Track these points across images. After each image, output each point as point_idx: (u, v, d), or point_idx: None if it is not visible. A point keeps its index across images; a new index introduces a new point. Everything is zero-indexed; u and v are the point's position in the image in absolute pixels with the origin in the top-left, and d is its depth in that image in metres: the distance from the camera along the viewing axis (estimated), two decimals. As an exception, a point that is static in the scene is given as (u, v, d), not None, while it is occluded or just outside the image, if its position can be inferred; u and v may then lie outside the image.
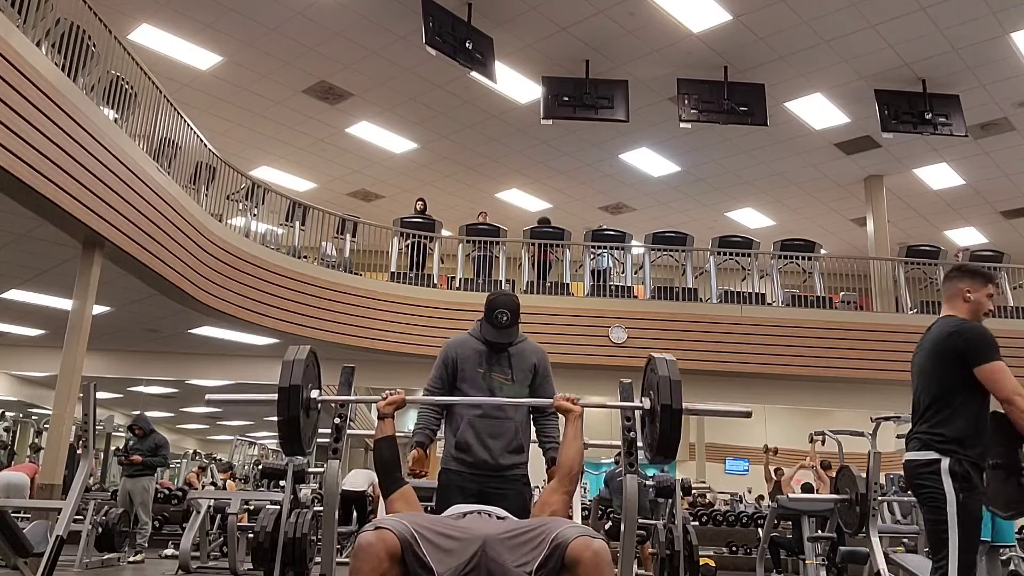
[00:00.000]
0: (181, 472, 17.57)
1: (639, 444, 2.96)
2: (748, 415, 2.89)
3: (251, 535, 6.97)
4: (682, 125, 9.79)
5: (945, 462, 2.67)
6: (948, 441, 2.70)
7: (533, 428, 3.18)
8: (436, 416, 3.11)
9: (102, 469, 10.76)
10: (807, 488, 9.42)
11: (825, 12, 8.47)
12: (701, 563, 7.43)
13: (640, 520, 5.50)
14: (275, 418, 2.71)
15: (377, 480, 2.69)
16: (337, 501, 3.33)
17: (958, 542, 2.58)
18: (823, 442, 9.43)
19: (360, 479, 8.39)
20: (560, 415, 2.74)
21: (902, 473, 3.05)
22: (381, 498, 2.67)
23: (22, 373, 14.09)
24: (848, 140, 11.25)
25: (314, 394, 2.80)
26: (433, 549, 2.01)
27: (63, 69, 6.09)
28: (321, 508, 5.03)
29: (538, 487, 4.26)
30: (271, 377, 13.72)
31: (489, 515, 2.34)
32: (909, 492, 5.42)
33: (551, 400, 2.79)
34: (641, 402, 2.78)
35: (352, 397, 3.15)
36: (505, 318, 2.99)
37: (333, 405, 3.07)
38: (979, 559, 4.91)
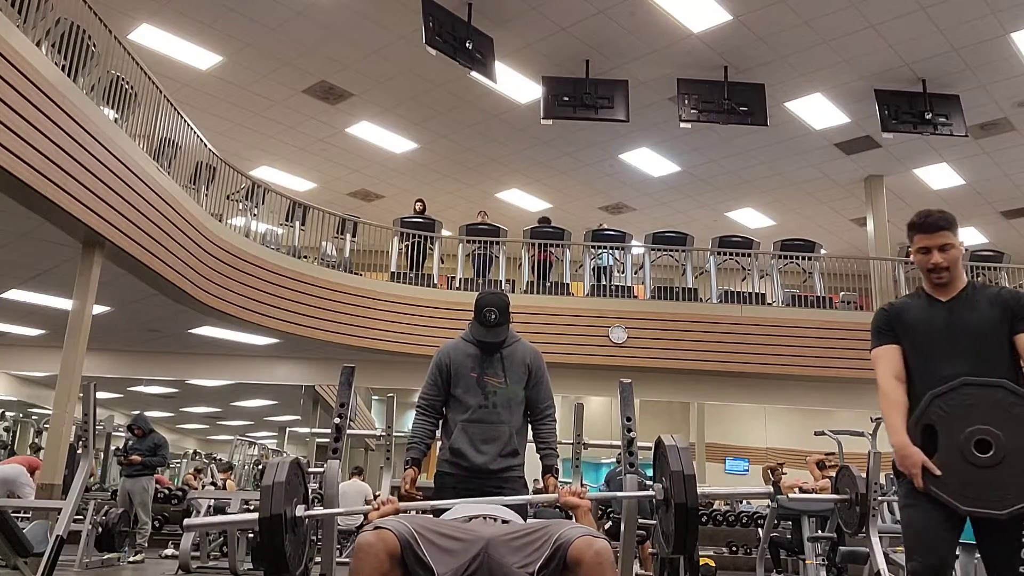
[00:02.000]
0: (181, 472, 17.56)
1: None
2: (771, 496, 2.81)
3: (251, 535, 6.98)
4: (682, 125, 9.79)
5: None
6: None
7: (530, 431, 3.17)
8: (431, 427, 3.09)
9: (102, 469, 10.74)
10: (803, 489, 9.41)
11: (825, 12, 8.47)
12: (701, 563, 7.42)
13: (640, 520, 5.50)
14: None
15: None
16: (337, 501, 3.33)
17: (904, 541, 2.40)
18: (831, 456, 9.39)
19: (356, 501, 8.41)
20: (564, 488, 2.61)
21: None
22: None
23: (22, 373, 14.09)
24: (848, 140, 11.25)
25: (299, 511, 2.53)
26: (434, 549, 2.01)
27: (63, 69, 6.09)
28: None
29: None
30: (270, 377, 13.72)
31: (494, 519, 2.34)
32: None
33: (556, 496, 2.65)
34: (653, 488, 2.65)
35: (340, 510, 2.98)
36: (493, 316, 2.98)
37: (333, 406, 3.05)
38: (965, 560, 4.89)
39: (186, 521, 2.72)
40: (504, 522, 2.33)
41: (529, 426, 3.16)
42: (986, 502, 2.20)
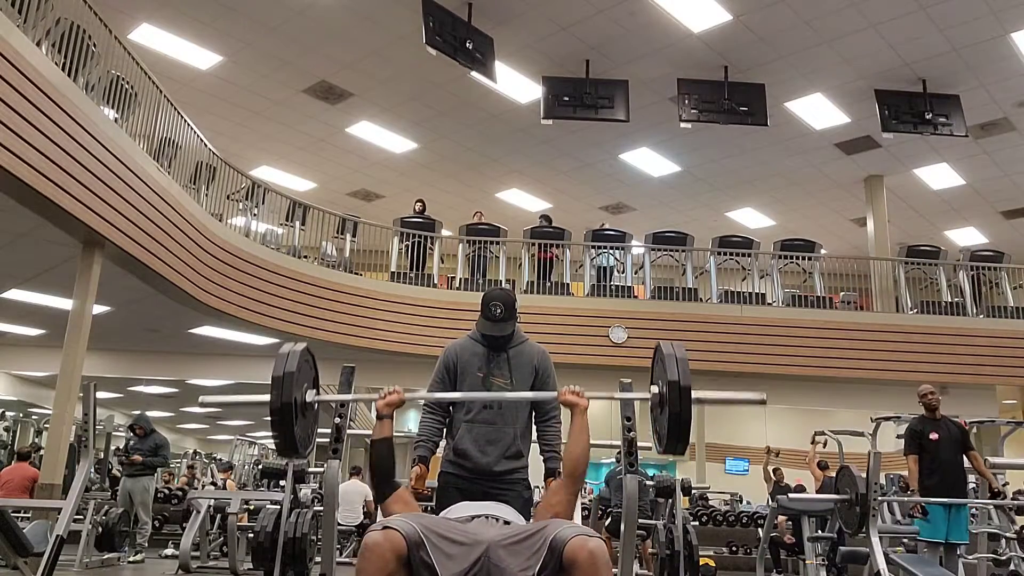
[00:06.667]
0: (181, 471, 17.57)
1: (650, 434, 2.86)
2: (763, 402, 2.80)
3: (251, 535, 6.98)
4: (682, 125, 9.78)
5: None
6: None
7: (535, 433, 3.16)
8: (439, 426, 3.08)
9: (107, 469, 10.68)
10: (801, 488, 9.42)
11: (825, 12, 8.47)
12: (701, 563, 7.43)
13: (640, 520, 5.50)
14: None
15: (370, 484, 2.64)
16: (337, 501, 3.33)
17: None
18: (824, 444, 9.43)
19: (355, 502, 8.43)
20: (566, 409, 2.64)
21: (902, 473, 2.99)
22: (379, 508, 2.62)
23: (22, 373, 14.09)
24: (848, 140, 11.25)
25: (310, 396, 2.68)
26: (438, 554, 2.02)
27: (63, 69, 6.09)
28: (321, 508, 5.03)
29: (539, 487, 4.25)
30: (270, 377, 13.72)
31: (496, 519, 2.34)
32: (909, 492, 5.49)
33: (555, 393, 2.69)
34: (649, 391, 2.68)
35: (350, 396, 3.10)
36: (499, 311, 2.96)
37: (332, 405, 3.05)
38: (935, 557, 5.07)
39: (201, 398, 2.87)
40: (506, 523, 2.33)
41: (534, 427, 3.15)
42: None
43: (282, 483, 6.37)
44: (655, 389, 2.65)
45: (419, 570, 2.00)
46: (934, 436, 5.40)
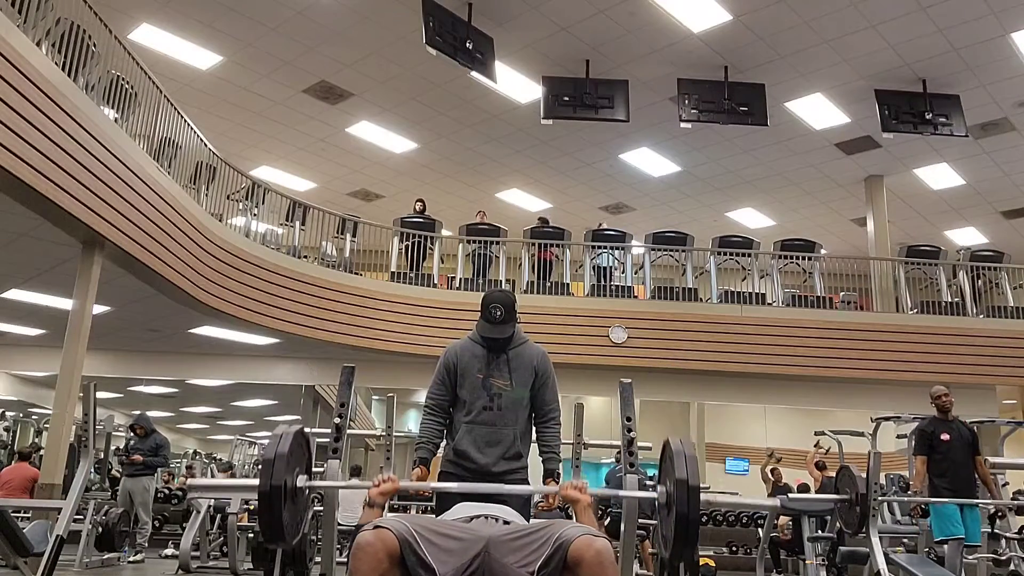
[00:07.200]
0: (180, 471, 17.57)
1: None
2: (775, 508, 2.76)
3: (251, 535, 6.99)
4: (682, 125, 9.79)
5: None
6: None
7: (534, 434, 3.17)
8: (439, 428, 3.08)
9: (107, 469, 10.70)
10: (804, 488, 9.42)
11: (825, 12, 8.47)
12: (701, 563, 7.43)
13: (640, 520, 5.50)
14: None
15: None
16: (337, 501, 3.34)
17: None
18: (828, 451, 9.43)
19: (355, 502, 8.42)
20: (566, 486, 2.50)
21: (902, 474, 3.00)
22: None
23: (22, 373, 14.09)
24: (848, 140, 11.25)
25: (301, 481, 2.56)
26: (434, 549, 2.00)
27: (63, 69, 6.08)
28: (321, 508, 5.03)
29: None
30: (270, 377, 13.69)
31: (495, 520, 2.34)
32: (909, 492, 5.51)
33: (556, 489, 2.64)
34: (657, 491, 2.61)
35: (341, 484, 3.07)
36: (499, 313, 2.97)
37: (333, 406, 3.04)
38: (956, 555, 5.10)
39: (190, 481, 2.82)
40: (505, 523, 2.33)
41: (533, 428, 3.15)
42: None
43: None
44: (662, 488, 2.58)
45: (415, 568, 1.98)
46: (945, 437, 5.42)
